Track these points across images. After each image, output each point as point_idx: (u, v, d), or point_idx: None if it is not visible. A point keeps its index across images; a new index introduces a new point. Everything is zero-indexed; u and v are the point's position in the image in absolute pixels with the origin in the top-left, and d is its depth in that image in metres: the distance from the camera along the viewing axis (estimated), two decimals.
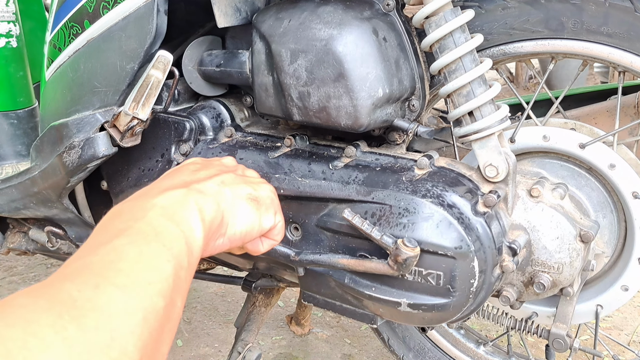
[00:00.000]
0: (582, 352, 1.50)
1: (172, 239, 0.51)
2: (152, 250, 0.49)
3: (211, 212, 0.58)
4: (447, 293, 0.76)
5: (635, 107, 1.14)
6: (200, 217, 0.56)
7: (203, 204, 0.57)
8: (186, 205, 0.56)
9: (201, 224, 0.56)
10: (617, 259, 0.99)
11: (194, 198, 0.57)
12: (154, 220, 0.52)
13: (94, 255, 0.47)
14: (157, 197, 0.55)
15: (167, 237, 0.51)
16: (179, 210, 0.55)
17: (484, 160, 0.81)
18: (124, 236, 0.49)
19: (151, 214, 0.53)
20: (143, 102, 0.89)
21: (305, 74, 0.83)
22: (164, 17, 0.88)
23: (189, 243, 0.53)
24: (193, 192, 0.58)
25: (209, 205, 0.58)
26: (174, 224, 0.53)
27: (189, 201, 0.56)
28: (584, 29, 0.82)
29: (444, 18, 0.78)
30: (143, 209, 0.54)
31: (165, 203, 0.55)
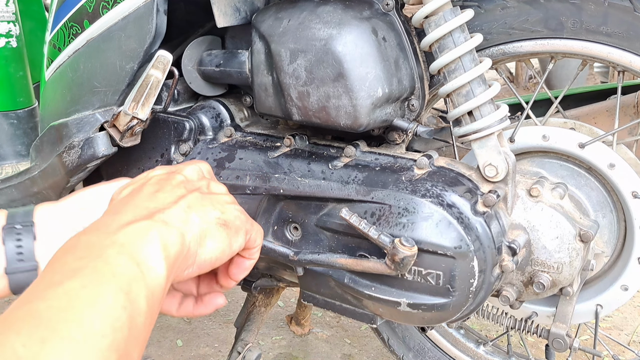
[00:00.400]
0: (582, 352, 1.50)
1: (130, 281, 0.47)
2: (107, 295, 0.45)
3: (176, 246, 0.53)
4: (446, 293, 0.76)
5: (634, 106, 1.14)
6: (164, 254, 0.51)
7: (167, 238, 0.53)
8: (148, 241, 0.51)
9: (164, 261, 0.51)
10: (616, 259, 0.99)
11: (158, 232, 0.52)
12: (111, 259, 0.48)
13: (43, 301, 0.44)
14: (117, 233, 0.51)
15: (124, 279, 0.47)
16: (140, 248, 0.50)
17: (484, 159, 0.81)
18: (77, 277, 0.46)
19: (109, 251, 0.49)
20: (143, 102, 0.89)
21: (304, 74, 0.83)
22: (163, 17, 0.88)
23: (149, 284, 0.49)
24: (157, 225, 0.53)
25: (173, 238, 0.53)
26: (134, 263, 0.49)
27: (151, 236, 0.52)
28: (583, 29, 0.82)
29: (444, 18, 0.78)
30: (101, 246, 0.50)
31: (125, 240, 0.50)
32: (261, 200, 0.89)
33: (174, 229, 0.54)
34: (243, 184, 0.89)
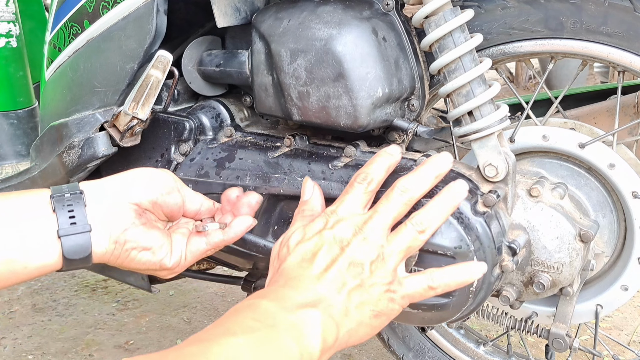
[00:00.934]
0: (582, 352, 1.50)
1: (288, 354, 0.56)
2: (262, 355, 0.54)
3: (332, 337, 0.61)
4: (446, 293, 0.76)
5: (634, 106, 1.14)
6: (322, 344, 0.59)
7: (327, 331, 0.60)
8: (312, 330, 0.59)
9: (320, 346, 0.59)
10: (616, 259, 0.99)
11: (322, 324, 0.60)
12: (281, 333, 0.57)
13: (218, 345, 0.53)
14: (290, 312, 0.59)
15: (286, 354, 0.56)
16: (305, 334, 0.58)
17: (484, 160, 0.81)
18: (251, 336, 0.55)
19: (281, 326, 0.58)
20: (143, 102, 0.89)
21: (304, 74, 0.83)
22: (163, 17, 0.88)
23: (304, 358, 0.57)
24: (322, 317, 0.60)
25: (332, 331, 0.61)
26: (297, 344, 0.57)
27: (315, 327, 0.60)
28: (584, 29, 0.82)
29: (444, 18, 0.78)
30: (276, 318, 0.58)
31: (295, 321, 0.59)
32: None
33: (334, 324, 0.61)
34: (243, 184, 0.89)
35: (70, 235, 0.67)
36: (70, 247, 0.67)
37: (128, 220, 0.71)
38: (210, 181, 0.92)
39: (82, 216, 0.68)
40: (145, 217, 0.74)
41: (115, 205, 0.71)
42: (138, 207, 0.73)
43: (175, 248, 0.75)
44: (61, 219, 0.67)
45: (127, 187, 0.73)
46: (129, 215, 0.72)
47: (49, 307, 1.92)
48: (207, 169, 0.93)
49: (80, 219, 0.68)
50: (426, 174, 0.70)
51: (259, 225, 0.91)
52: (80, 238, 0.68)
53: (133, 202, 0.72)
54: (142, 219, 0.73)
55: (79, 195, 0.70)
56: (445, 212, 0.69)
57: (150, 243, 0.72)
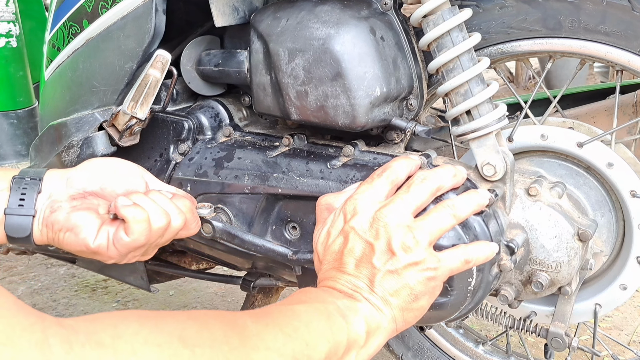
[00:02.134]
0: (581, 352, 1.50)
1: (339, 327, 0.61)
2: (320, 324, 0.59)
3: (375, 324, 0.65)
4: (445, 292, 0.76)
5: (633, 105, 1.14)
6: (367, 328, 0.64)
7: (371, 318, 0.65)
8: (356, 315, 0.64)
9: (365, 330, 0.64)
10: (615, 258, 0.99)
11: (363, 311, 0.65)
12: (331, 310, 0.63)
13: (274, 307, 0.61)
14: (338, 300, 0.64)
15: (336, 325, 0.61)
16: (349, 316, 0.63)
17: (482, 159, 0.81)
18: (306, 305, 0.62)
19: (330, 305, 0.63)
20: (141, 101, 0.89)
21: (303, 73, 0.83)
22: (162, 17, 0.88)
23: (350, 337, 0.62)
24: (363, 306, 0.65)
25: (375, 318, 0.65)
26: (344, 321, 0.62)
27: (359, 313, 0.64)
28: (582, 28, 0.82)
29: (442, 17, 0.78)
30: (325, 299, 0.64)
31: (340, 306, 0.64)
32: (260, 199, 0.89)
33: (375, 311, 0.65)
34: (242, 183, 0.89)
35: (14, 215, 0.73)
36: (11, 225, 0.73)
37: (57, 204, 0.75)
38: (208, 180, 0.92)
39: (30, 201, 0.74)
40: (80, 201, 0.76)
41: (56, 192, 0.76)
42: (76, 194, 0.77)
43: (101, 231, 0.75)
44: (12, 199, 0.74)
45: (73, 177, 0.78)
46: (62, 200, 0.76)
47: (49, 307, 1.92)
48: (206, 168, 0.93)
49: (28, 203, 0.74)
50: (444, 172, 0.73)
51: (257, 225, 0.91)
52: (22, 219, 0.74)
53: (71, 189, 0.77)
54: (73, 202, 0.76)
55: (37, 181, 0.75)
56: (473, 207, 0.72)
57: (72, 224, 0.74)
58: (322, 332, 0.59)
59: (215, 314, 0.54)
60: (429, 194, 0.71)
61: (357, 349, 0.62)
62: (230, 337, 0.51)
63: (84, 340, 0.41)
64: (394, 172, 0.72)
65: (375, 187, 0.71)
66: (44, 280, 2.10)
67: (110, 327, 0.44)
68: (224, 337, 0.50)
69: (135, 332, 0.45)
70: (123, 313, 0.48)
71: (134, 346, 0.44)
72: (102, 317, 0.46)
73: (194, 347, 0.47)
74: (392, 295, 0.66)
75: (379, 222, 0.67)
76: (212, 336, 0.50)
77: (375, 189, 0.71)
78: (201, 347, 0.48)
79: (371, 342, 0.64)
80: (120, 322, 0.46)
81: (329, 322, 0.60)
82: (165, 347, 0.45)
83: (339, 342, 0.60)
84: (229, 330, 0.52)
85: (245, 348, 0.51)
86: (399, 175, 0.72)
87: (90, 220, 0.75)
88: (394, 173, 0.72)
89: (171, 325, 0.48)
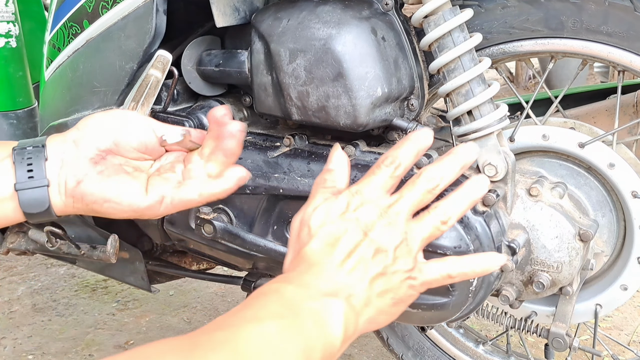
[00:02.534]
0: (581, 352, 1.50)
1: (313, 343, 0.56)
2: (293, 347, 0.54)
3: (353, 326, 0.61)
4: (446, 292, 0.76)
5: (634, 106, 1.14)
6: (344, 333, 0.60)
7: (349, 319, 0.61)
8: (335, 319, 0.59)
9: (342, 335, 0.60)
10: (616, 258, 0.99)
11: (345, 314, 0.60)
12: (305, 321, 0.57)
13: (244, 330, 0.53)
14: (315, 300, 0.59)
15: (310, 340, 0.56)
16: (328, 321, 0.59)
17: (483, 159, 0.81)
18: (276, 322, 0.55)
19: (306, 313, 0.58)
20: (142, 102, 0.89)
21: (304, 74, 0.83)
22: (163, 17, 0.88)
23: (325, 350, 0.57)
24: (346, 308, 0.61)
25: (352, 319, 0.61)
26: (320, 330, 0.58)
27: (338, 316, 0.60)
28: (584, 28, 0.82)
29: (443, 17, 0.78)
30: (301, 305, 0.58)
31: (319, 309, 0.59)
32: (261, 200, 0.89)
33: (355, 313, 0.61)
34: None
35: (26, 189, 0.67)
36: (27, 201, 0.67)
37: (81, 172, 0.69)
38: None
39: (40, 170, 0.68)
40: (104, 164, 0.70)
41: (69, 157, 0.70)
42: (94, 156, 0.70)
43: (152, 190, 0.70)
44: (19, 172, 0.67)
45: (79, 137, 0.71)
46: (83, 166, 0.69)
47: (49, 307, 1.92)
48: None
49: (38, 173, 0.68)
50: (452, 164, 0.68)
51: (258, 225, 0.91)
52: (37, 192, 0.67)
53: (85, 151, 0.70)
54: (98, 167, 0.70)
55: (40, 149, 0.69)
56: (467, 205, 0.68)
57: (108, 194, 0.69)
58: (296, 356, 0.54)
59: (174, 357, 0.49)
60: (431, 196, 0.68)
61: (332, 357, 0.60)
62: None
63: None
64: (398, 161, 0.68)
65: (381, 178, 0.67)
66: (44, 280, 2.10)
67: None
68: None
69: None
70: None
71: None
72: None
73: None
74: (377, 296, 0.64)
75: (382, 219, 0.65)
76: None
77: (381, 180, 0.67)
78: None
79: (343, 348, 0.61)
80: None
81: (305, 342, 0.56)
82: None
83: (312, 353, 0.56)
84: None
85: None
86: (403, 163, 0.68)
87: (128, 183, 0.69)
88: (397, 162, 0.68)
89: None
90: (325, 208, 0.67)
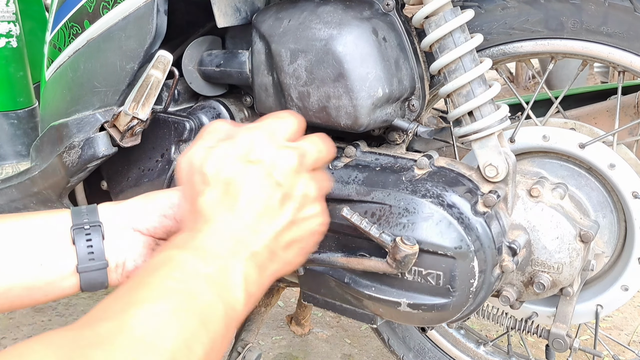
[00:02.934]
0: (582, 352, 1.50)
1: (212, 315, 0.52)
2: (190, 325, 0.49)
3: (256, 284, 0.57)
4: (446, 293, 0.76)
5: (635, 107, 1.14)
6: (245, 293, 0.55)
7: (251, 282, 0.56)
8: (235, 284, 0.55)
9: (244, 295, 0.55)
10: (617, 259, 0.99)
11: (245, 275, 0.55)
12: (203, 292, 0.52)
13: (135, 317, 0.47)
14: (210, 267, 0.54)
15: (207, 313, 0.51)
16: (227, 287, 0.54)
17: (484, 160, 0.81)
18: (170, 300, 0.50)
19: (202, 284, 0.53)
20: (143, 102, 0.89)
21: (305, 74, 0.83)
22: (163, 17, 0.88)
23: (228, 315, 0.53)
24: (246, 268, 0.56)
25: (254, 280, 0.57)
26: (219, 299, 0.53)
27: (238, 280, 0.55)
28: (584, 29, 0.82)
29: (444, 18, 0.78)
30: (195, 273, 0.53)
31: (215, 276, 0.54)
32: None
33: (257, 271, 0.56)
34: None
35: (88, 271, 0.66)
36: (88, 281, 0.66)
37: (137, 252, 0.68)
38: None
39: (100, 251, 0.66)
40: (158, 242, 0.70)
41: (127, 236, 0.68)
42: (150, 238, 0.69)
43: None
44: (80, 253, 0.66)
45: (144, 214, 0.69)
46: (139, 246, 0.69)
47: (49, 307, 1.92)
48: None
49: (98, 255, 0.66)
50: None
51: None
52: (97, 274, 0.67)
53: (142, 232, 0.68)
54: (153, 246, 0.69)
55: (97, 227, 0.67)
56: None
57: None
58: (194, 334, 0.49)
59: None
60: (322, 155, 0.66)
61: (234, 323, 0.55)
62: None
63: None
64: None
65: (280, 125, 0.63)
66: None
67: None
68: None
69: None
70: None
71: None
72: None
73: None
74: (282, 249, 0.59)
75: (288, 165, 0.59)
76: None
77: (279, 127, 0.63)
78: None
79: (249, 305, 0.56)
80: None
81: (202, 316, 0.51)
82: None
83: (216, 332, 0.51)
84: None
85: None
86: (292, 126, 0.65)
87: None
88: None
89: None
90: (222, 151, 0.60)
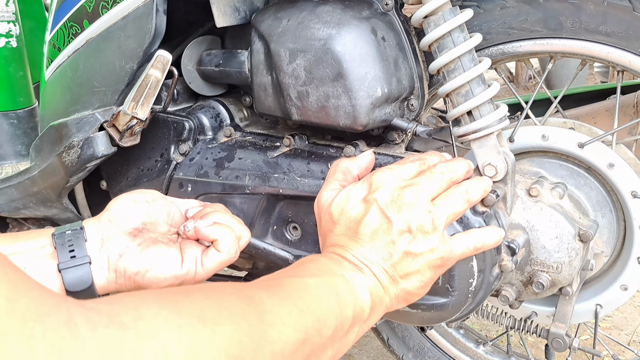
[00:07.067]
0: (581, 352, 1.50)
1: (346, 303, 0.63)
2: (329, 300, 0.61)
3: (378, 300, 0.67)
4: (446, 292, 0.76)
5: (634, 106, 1.14)
6: (371, 303, 0.66)
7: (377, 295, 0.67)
8: (362, 289, 0.66)
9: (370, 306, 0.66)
10: (616, 259, 0.99)
11: (371, 288, 0.66)
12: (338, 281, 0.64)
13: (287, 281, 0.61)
14: (344, 271, 0.66)
15: (342, 295, 0.63)
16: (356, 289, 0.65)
17: (483, 159, 0.81)
18: (314, 278, 0.63)
19: (339, 277, 0.65)
20: (142, 101, 0.89)
21: (304, 74, 0.83)
22: (163, 17, 0.88)
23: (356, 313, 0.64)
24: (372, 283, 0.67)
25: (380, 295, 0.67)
26: (350, 294, 0.64)
27: (365, 288, 0.66)
28: (583, 28, 0.82)
29: (443, 17, 0.78)
30: (334, 272, 0.66)
31: (348, 277, 0.65)
32: (260, 200, 0.89)
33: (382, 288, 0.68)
34: (242, 183, 0.89)
35: (69, 268, 0.67)
36: (71, 280, 0.67)
37: (122, 246, 0.71)
38: (209, 181, 0.92)
39: (81, 250, 0.69)
40: (141, 237, 0.72)
41: (107, 234, 0.71)
42: (132, 230, 0.72)
43: (187, 256, 0.72)
44: (61, 254, 0.68)
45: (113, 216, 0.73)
46: (122, 240, 0.71)
47: None
48: (207, 168, 0.93)
49: (80, 252, 0.68)
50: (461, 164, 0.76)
51: (258, 225, 0.91)
52: (79, 270, 0.68)
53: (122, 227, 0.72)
54: (137, 240, 0.71)
55: (79, 231, 0.70)
56: (482, 191, 0.75)
57: (149, 264, 0.70)
58: (332, 308, 0.60)
59: (231, 289, 0.55)
60: (447, 185, 0.73)
61: (360, 324, 0.64)
62: (247, 313, 0.52)
63: (106, 322, 0.42)
64: (426, 163, 0.75)
65: (406, 168, 0.73)
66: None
67: (131, 310, 0.45)
68: (242, 315, 0.51)
69: (156, 314, 0.46)
70: (141, 294, 0.49)
71: (155, 328, 0.44)
72: (122, 299, 0.46)
73: (214, 325, 0.48)
74: (402, 277, 0.68)
75: (402, 200, 0.69)
76: (230, 314, 0.51)
77: (405, 170, 0.73)
78: (220, 325, 0.49)
79: (373, 317, 0.66)
80: (140, 304, 0.46)
81: (338, 298, 0.62)
82: (185, 327, 0.46)
83: (346, 317, 0.62)
84: (246, 306, 0.53)
85: (263, 325, 0.52)
86: (429, 165, 0.75)
87: (166, 252, 0.71)
88: (425, 163, 0.75)
89: (190, 306, 0.49)
90: (346, 194, 0.72)
